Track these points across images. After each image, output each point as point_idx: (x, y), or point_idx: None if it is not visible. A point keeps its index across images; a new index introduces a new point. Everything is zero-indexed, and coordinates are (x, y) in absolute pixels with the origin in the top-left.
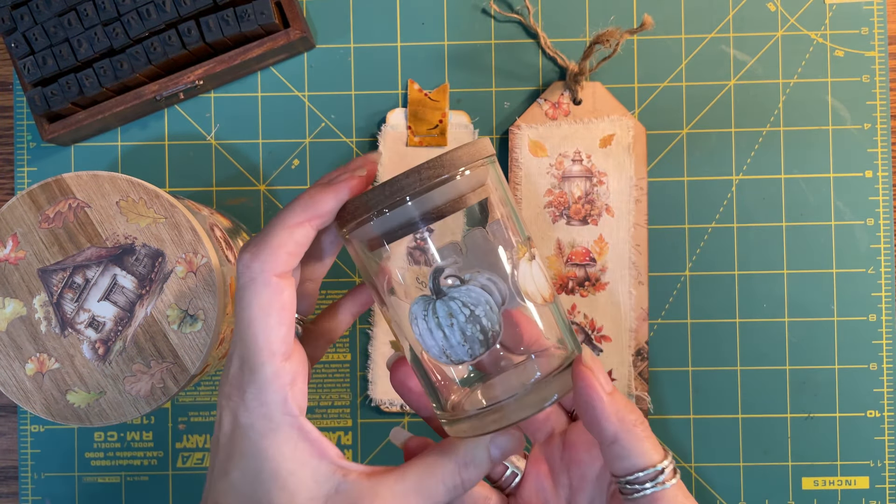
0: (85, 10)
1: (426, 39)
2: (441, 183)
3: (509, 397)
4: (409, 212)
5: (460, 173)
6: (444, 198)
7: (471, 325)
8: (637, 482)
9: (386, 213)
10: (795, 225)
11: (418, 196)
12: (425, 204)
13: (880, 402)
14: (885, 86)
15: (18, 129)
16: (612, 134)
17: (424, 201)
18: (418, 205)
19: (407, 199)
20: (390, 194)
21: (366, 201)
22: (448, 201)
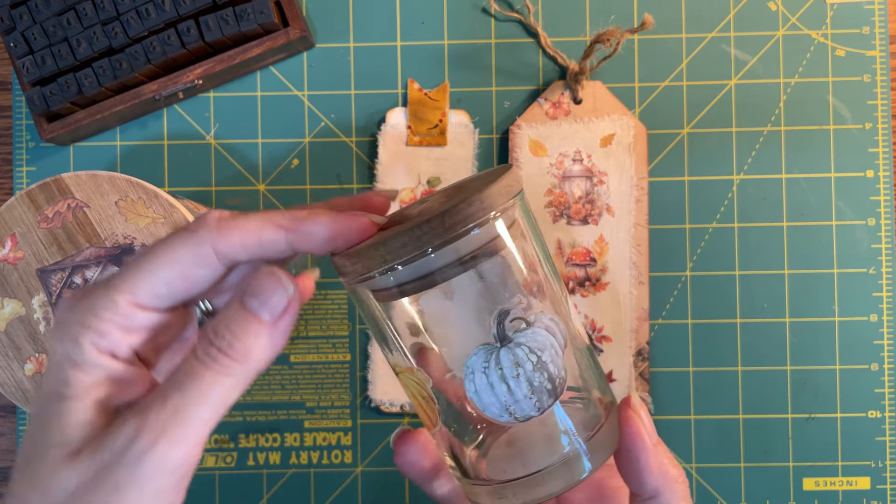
0: (84, 9)
1: (426, 39)
2: (468, 231)
3: (540, 469)
4: (431, 264)
5: (492, 217)
6: (473, 245)
7: (538, 374)
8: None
9: (399, 269)
10: (796, 225)
11: (443, 247)
12: (450, 255)
13: (881, 402)
14: (886, 85)
15: (17, 128)
16: (613, 133)
17: (450, 252)
18: (442, 257)
19: (429, 252)
20: (409, 246)
21: (378, 252)
22: (478, 248)
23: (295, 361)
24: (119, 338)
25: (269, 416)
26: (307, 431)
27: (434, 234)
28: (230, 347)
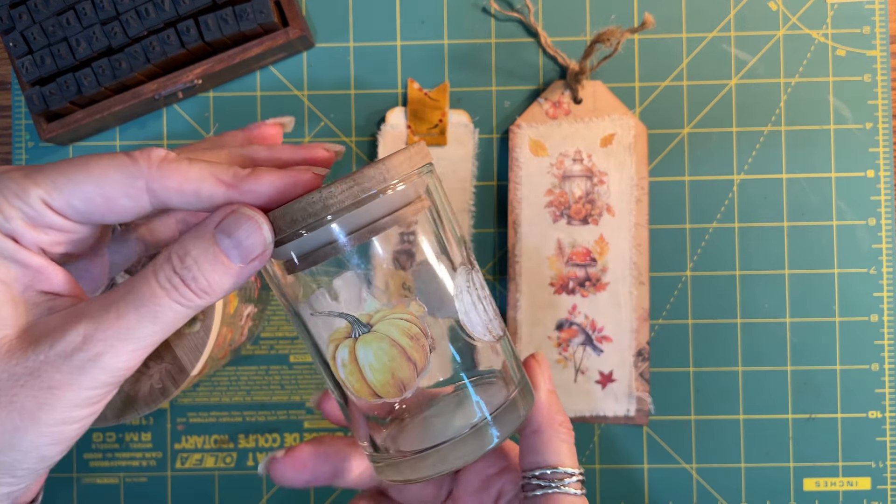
0: (83, 9)
1: (426, 38)
2: (371, 198)
3: (446, 440)
4: (330, 233)
5: (392, 186)
6: (374, 215)
7: (492, 301)
8: (544, 478)
9: (303, 235)
10: (797, 225)
11: (342, 214)
12: (351, 222)
13: (882, 402)
14: (886, 85)
15: (17, 128)
16: (613, 133)
17: (350, 220)
18: (343, 224)
19: (328, 219)
20: (310, 212)
21: (283, 217)
22: (379, 218)
23: (295, 361)
24: (23, 227)
25: (269, 417)
26: (307, 432)
27: (333, 202)
28: (193, 281)
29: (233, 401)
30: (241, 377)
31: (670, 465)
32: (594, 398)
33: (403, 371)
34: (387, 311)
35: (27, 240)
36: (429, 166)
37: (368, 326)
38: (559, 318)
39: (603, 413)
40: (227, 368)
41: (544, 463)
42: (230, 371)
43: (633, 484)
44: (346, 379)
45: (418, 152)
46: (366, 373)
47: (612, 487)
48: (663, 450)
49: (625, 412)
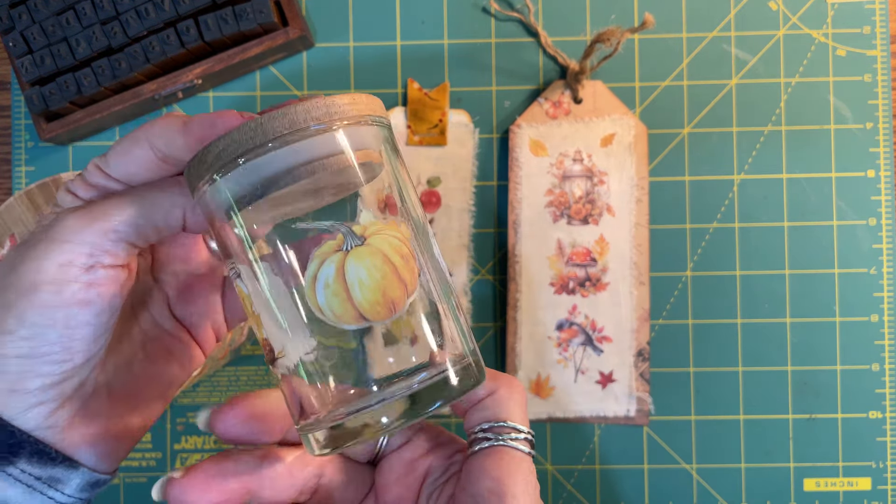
0: (83, 9)
1: (426, 38)
2: (318, 132)
3: (378, 402)
4: (278, 161)
5: (347, 124)
6: (326, 150)
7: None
8: (493, 430)
9: (244, 163)
10: (797, 225)
11: (290, 144)
12: (302, 153)
13: (882, 402)
14: (886, 85)
15: (16, 128)
16: (613, 133)
17: (301, 149)
18: (293, 153)
19: (277, 145)
20: (249, 138)
21: (227, 143)
22: (330, 155)
23: None
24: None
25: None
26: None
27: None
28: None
29: None
30: (241, 377)
31: (670, 465)
32: (594, 398)
33: (395, 290)
34: (381, 224)
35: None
36: (384, 120)
37: (362, 239)
38: (559, 318)
39: (603, 413)
40: (227, 368)
41: (492, 417)
42: (230, 371)
43: (634, 484)
44: (327, 302)
45: (379, 104)
46: (353, 291)
47: (612, 487)
48: (663, 450)
49: (625, 412)
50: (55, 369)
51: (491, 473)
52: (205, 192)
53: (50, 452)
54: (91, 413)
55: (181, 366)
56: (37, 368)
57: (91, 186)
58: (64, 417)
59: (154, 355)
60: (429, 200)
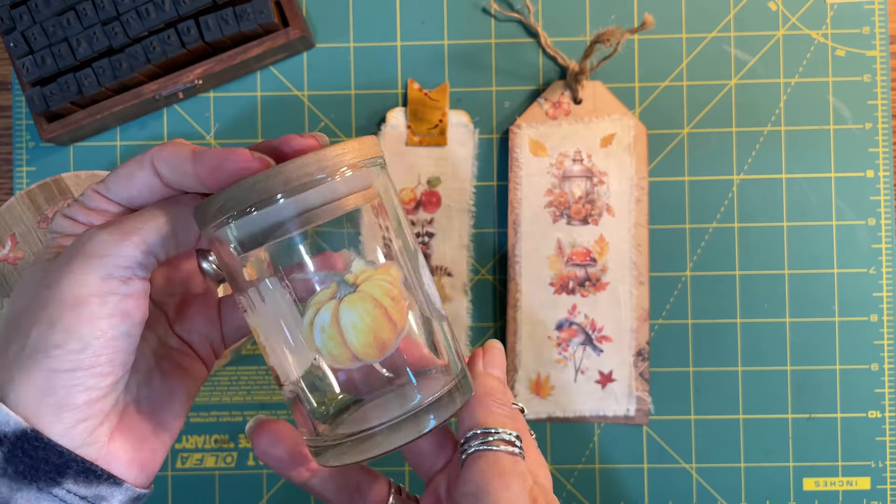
0: (84, 9)
1: (426, 38)
2: (317, 183)
3: (383, 423)
4: (279, 212)
5: (341, 174)
6: (321, 200)
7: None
8: (474, 438)
9: (252, 213)
10: (796, 225)
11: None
12: (300, 205)
13: (881, 402)
14: (886, 85)
15: (17, 128)
16: (613, 133)
17: (299, 201)
18: (292, 205)
19: (279, 198)
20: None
21: (231, 196)
22: (325, 204)
23: None
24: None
25: (270, 416)
26: None
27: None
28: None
29: (233, 401)
30: (241, 377)
31: (670, 464)
32: (594, 398)
33: (385, 331)
34: (371, 271)
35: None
36: (378, 160)
37: (354, 287)
38: (559, 318)
39: (603, 413)
40: (227, 368)
41: (466, 428)
42: (230, 371)
43: (634, 484)
44: (324, 345)
45: (371, 145)
46: (347, 335)
47: (612, 487)
48: (663, 450)
49: (625, 412)
50: (100, 382)
51: (468, 478)
52: (216, 232)
53: (96, 470)
54: (125, 429)
55: (193, 379)
56: (83, 382)
57: (90, 211)
58: (104, 434)
59: (168, 372)
60: (429, 200)
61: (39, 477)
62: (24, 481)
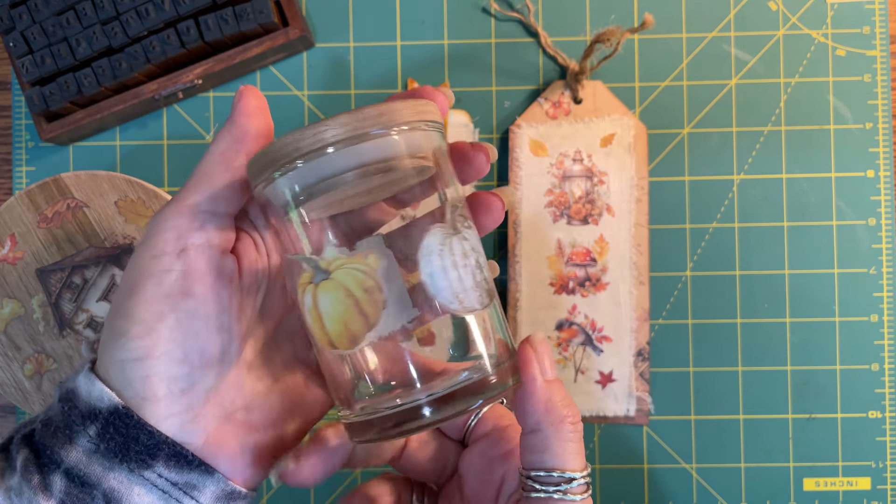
0: (83, 9)
1: (426, 38)
2: (368, 137)
3: (428, 395)
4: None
5: (395, 131)
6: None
7: (479, 272)
8: (541, 481)
9: (299, 166)
10: (797, 225)
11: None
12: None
13: (882, 402)
14: (886, 85)
15: (17, 128)
16: (613, 133)
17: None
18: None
19: (329, 151)
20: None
21: (275, 149)
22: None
23: None
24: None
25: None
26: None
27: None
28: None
29: None
30: None
31: (670, 464)
32: (594, 398)
33: (355, 323)
34: (344, 259)
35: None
36: (436, 125)
37: (326, 273)
38: (559, 318)
39: (603, 413)
40: None
41: (542, 465)
42: None
43: (634, 484)
44: (311, 325)
45: (428, 108)
46: (325, 320)
47: (612, 487)
48: (663, 450)
49: (625, 412)
50: (176, 371)
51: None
52: (265, 190)
53: (187, 455)
54: (227, 435)
55: (314, 404)
56: (158, 370)
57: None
58: (199, 435)
59: (292, 387)
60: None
61: (131, 457)
62: (115, 460)
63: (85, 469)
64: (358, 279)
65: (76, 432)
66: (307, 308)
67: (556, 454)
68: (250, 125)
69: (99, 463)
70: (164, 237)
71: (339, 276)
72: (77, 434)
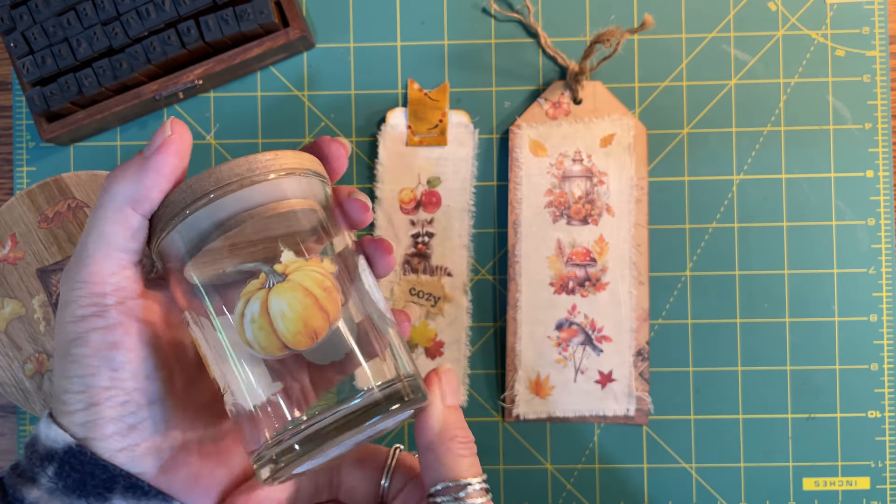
0: (84, 9)
1: (426, 39)
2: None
3: (332, 413)
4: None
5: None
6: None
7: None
8: (439, 494)
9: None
10: (796, 225)
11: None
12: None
13: (881, 402)
14: (885, 85)
15: (17, 128)
16: (613, 133)
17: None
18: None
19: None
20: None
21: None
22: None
23: None
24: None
25: None
26: None
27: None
28: (108, 177)
29: None
30: None
31: (670, 464)
32: (594, 398)
33: (316, 319)
34: (302, 262)
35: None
36: (316, 174)
37: (283, 276)
38: (559, 317)
39: (603, 413)
40: None
41: (439, 479)
42: None
43: (633, 484)
44: (254, 336)
45: (308, 159)
46: (277, 323)
47: (612, 487)
48: (663, 449)
49: (624, 412)
50: (121, 412)
51: None
52: (159, 243)
53: (143, 486)
54: (180, 464)
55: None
56: (104, 413)
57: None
58: (152, 465)
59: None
60: (429, 200)
61: (89, 492)
62: (74, 496)
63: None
64: (316, 279)
65: (37, 473)
66: (250, 318)
67: (449, 467)
68: (155, 190)
69: (60, 500)
70: (79, 303)
71: (297, 277)
72: (38, 475)
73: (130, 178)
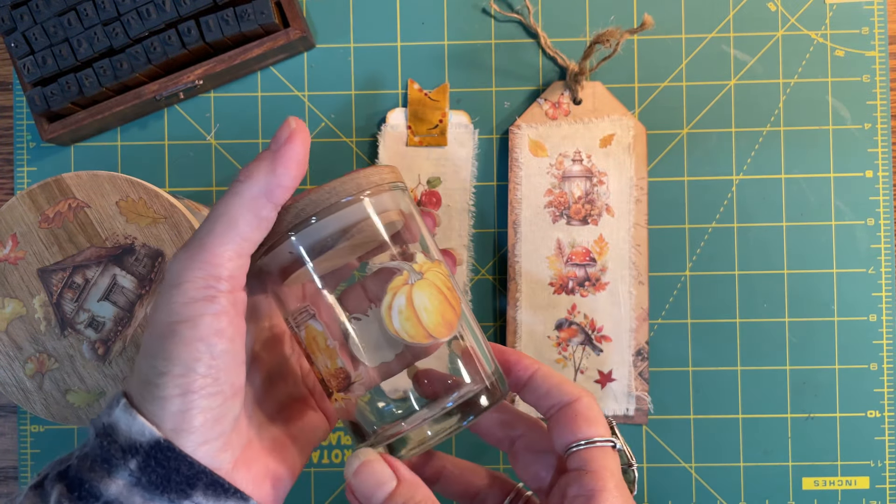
0: (85, 9)
1: (426, 39)
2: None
3: (434, 413)
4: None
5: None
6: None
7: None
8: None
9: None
10: (796, 225)
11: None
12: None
13: (881, 402)
14: (885, 85)
15: (18, 128)
16: (613, 134)
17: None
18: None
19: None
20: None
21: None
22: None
23: None
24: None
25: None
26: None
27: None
28: (240, 174)
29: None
30: None
31: (670, 464)
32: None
33: (450, 313)
34: (430, 264)
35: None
36: (401, 184)
37: (420, 274)
38: (559, 317)
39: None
40: None
41: (582, 436)
42: None
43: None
44: (402, 326)
45: (397, 171)
46: (421, 315)
47: None
48: (663, 449)
49: (624, 411)
50: (212, 403)
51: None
52: (283, 246)
53: (223, 483)
54: (248, 459)
55: (313, 430)
56: (197, 403)
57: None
58: (228, 460)
59: (290, 418)
60: (429, 200)
61: (171, 488)
62: (156, 491)
63: (125, 501)
64: (442, 279)
65: (116, 466)
66: (398, 310)
67: (593, 424)
68: (288, 178)
69: (139, 494)
70: (194, 284)
71: (430, 276)
72: (117, 468)
73: (264, 169)
